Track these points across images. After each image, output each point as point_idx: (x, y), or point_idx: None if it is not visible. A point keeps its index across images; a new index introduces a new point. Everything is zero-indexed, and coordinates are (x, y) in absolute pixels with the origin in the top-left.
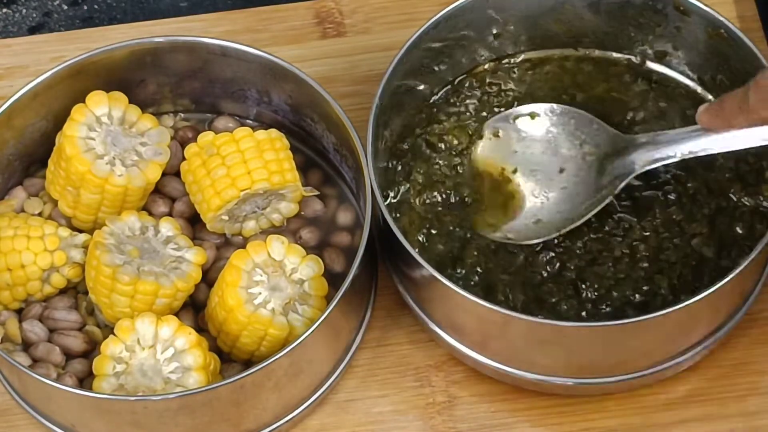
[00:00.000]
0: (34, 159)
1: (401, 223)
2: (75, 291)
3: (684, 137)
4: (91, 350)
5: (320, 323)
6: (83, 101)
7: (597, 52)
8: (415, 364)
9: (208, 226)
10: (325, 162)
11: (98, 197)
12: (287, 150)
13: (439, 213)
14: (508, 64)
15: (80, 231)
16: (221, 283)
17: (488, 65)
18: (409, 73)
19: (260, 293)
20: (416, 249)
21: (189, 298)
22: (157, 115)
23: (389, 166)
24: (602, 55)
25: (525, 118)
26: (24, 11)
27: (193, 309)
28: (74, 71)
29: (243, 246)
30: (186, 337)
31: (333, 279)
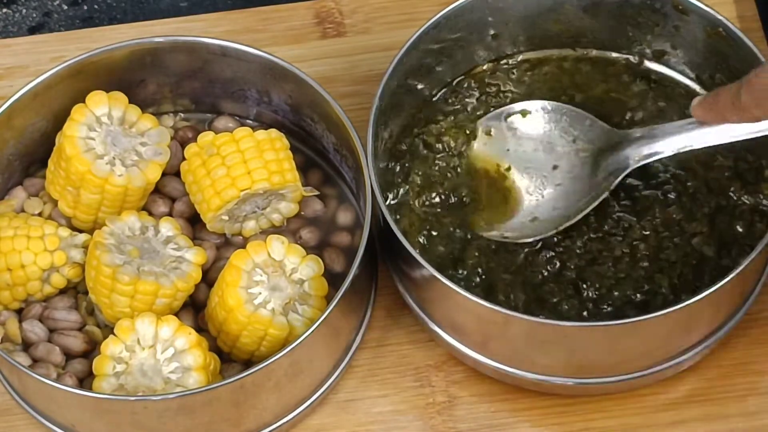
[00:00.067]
0: (34, 159)
1: (401, 225)
2: (75, 291)
3: (678, 131)
4: (91, 350)
5: (320, 323)
6: (83, 101)
7: (595, 52)
8: (415, 364)
9: (208, 226)
10: (325, 162)
11: (98, 197)
12: (287, 150)
13: (439, 214)
14: (507, 65)
15: (80, 231)
16: (221, 283)
17: (487, 66)
18: (409, 74)
19: (260, 293)
20: (417, 251)
21: (189, 298)
22: (157, 115)
23: (388, 167)
24: (600, 55)
25: (517, 116)
26: (24, 11)
27: (193, 309)
28: (74, 71)
29: (243, 246)
30: (186, 337)
31: (333, 279)
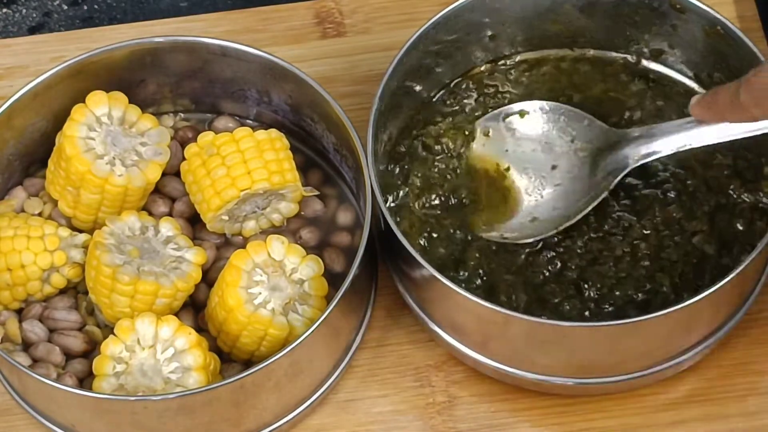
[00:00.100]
0: (34, 159)
1: (402, 227)
2: (75, 291)
3: (676, 129)
4: (91, 350)
5: (320, 323)
6: (83, 101)
7: (593, 52)
8: (415, 364)
9: (208, 226)
10: (325, 162)
11: (98, 197)
12: (287, 150)
13: (439, 216)
14: (505, 66)
15: (80, 231)
16: (221, 283)
17: (485, 66)
18: (409, 74)
19: (260, 293)
20: (417, 252)
21: (189, 298)
22: (157, 115)
23: (387, 170)
24: (598, 55)
25: (515, 117)
26: (24, 11)
27: (193, 309)
28: (74, 71)
29: (243, 246)
30: (186, 337)
31: (333, 279)
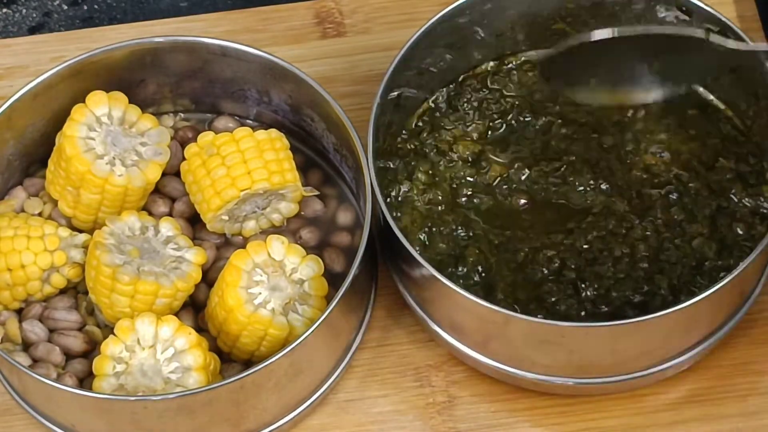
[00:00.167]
0: (34, 159)
1: (403, 223)
2: (75, 291)
3: None
4: (91, 350)
5: (320, 323)
6: (83, 101)
7: None
8: (415, 364)
9: (208, 226)
10: (325, 162)
11: (98, 197)
12: (287, 150)
13: (441, 212)
14: (508, 65)
15: (80, 231)
16: (221, 283)
17: (488, 65)
18: (409, 73)
19: (260, 293)
20: (418, 248)
21: (189, 298)
22: (157, 115)
23: (390, 166)
24: None
25: None
26: (24, 11)
27: (193, 309)
28: (74, 71)
29: (243, 246)
30: (186, 337)
31: (333, 279)
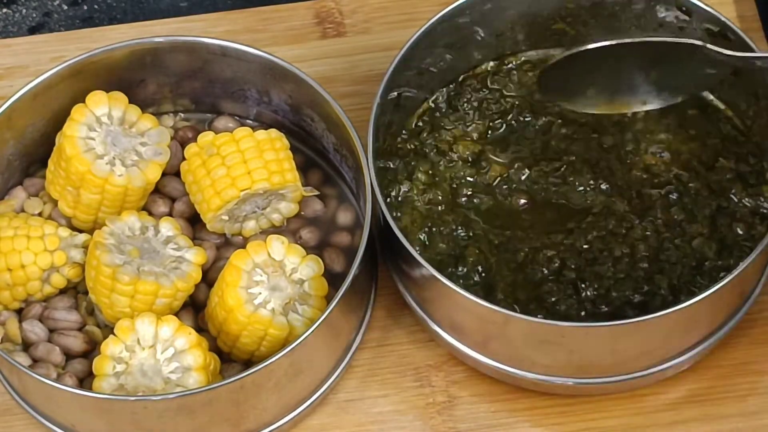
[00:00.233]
0: (34, 159)
1: (403, 223)
2: (75, 291)
3: None
4: (91, 350)
5: (320, 323)
6: (83, 101)
7: None
8: (415, 364)
9: (208, 226)
10: (325, 162)
11: (98, 197)
12: (287, 150)
13: (441, 212)
14: (508, 65)
15: (80, 231)
16: (221, 283)
17: (488, 66)
18: (409, 73)
19: (260, 293)
20: (418, 248)
21: (189, 298)
22: (157, 115)
23: (390, 166)
24: None
25: None
26: (24, 11)
27: (193, 309)
28: (74, 71)
29: (243, 246)
30: (186, 337)
31: (333, 279)
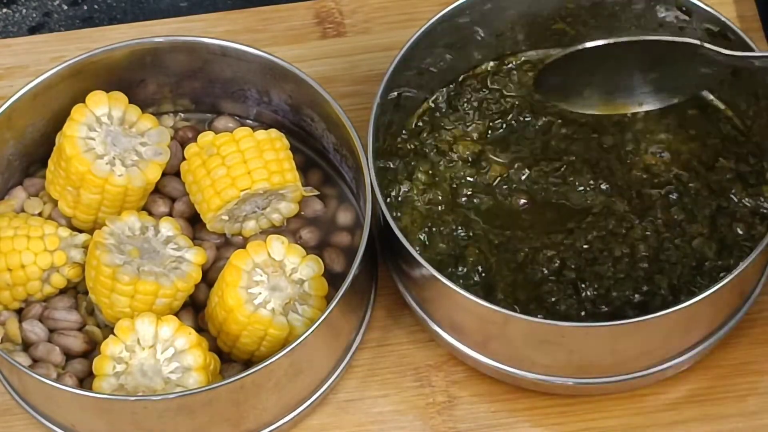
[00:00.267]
0: (34, 159)
1: (403, 222)
2: (75, 291)
3: None
4: (91, 350)
5: (320, 323)
6: (83, 101)
7: None
8: (415, 364)
9: (208, 226)
10: (325, 162)
11: (98, 197)
12: (287, 150)
13: (441, 212)
14: (508, 65)
15: (80, 231)
16: (221, 283)
17: (488, 66)
18: (409, 73)
19: (260, 293)
20: (418, 248)
21: (189, 298)
22: (157, 115)
23: (390, 166)
24: None
25: None
26: (24, 11)
27: (193, 309)
28: (74, 71)
29: (243, 246)
30: (186, 337)
31: (333, 279)
